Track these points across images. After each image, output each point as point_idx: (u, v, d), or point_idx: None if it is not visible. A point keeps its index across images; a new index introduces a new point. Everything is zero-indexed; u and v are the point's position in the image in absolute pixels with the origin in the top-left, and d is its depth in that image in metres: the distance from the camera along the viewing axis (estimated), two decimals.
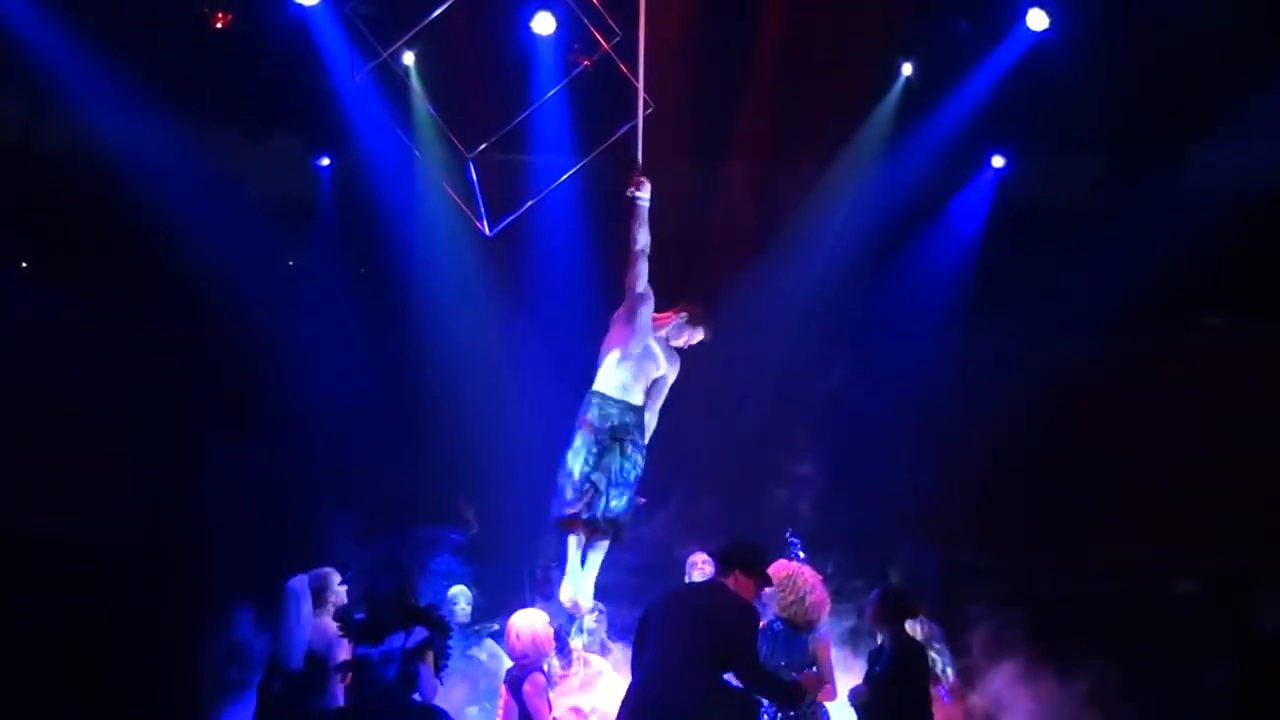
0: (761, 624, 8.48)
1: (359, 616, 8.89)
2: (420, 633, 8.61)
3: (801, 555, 9.58)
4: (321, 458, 12.07)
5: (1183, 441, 12.42)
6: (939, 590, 10.95)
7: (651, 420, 8.94)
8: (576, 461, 8.73)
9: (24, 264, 12.41)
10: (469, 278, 12.65)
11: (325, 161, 12.94)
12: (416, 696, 8.51)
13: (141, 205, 11.73)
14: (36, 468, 11.78)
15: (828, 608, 9.04)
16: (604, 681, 9.67)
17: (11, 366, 11.68)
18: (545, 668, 9.23)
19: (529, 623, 9.18)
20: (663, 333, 8.92)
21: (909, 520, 11.77)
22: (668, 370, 8.92)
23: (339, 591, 9.15)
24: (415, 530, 11.46)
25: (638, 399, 8.87)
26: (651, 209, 8.68)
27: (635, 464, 8.77)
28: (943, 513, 12.06)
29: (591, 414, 8.80)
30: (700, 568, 9.62)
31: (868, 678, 8.70)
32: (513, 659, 9.18)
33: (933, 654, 9.48)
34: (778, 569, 8.94)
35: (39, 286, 12.15)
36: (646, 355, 8.89)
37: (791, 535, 9.87)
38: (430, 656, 8.59)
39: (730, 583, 8.04)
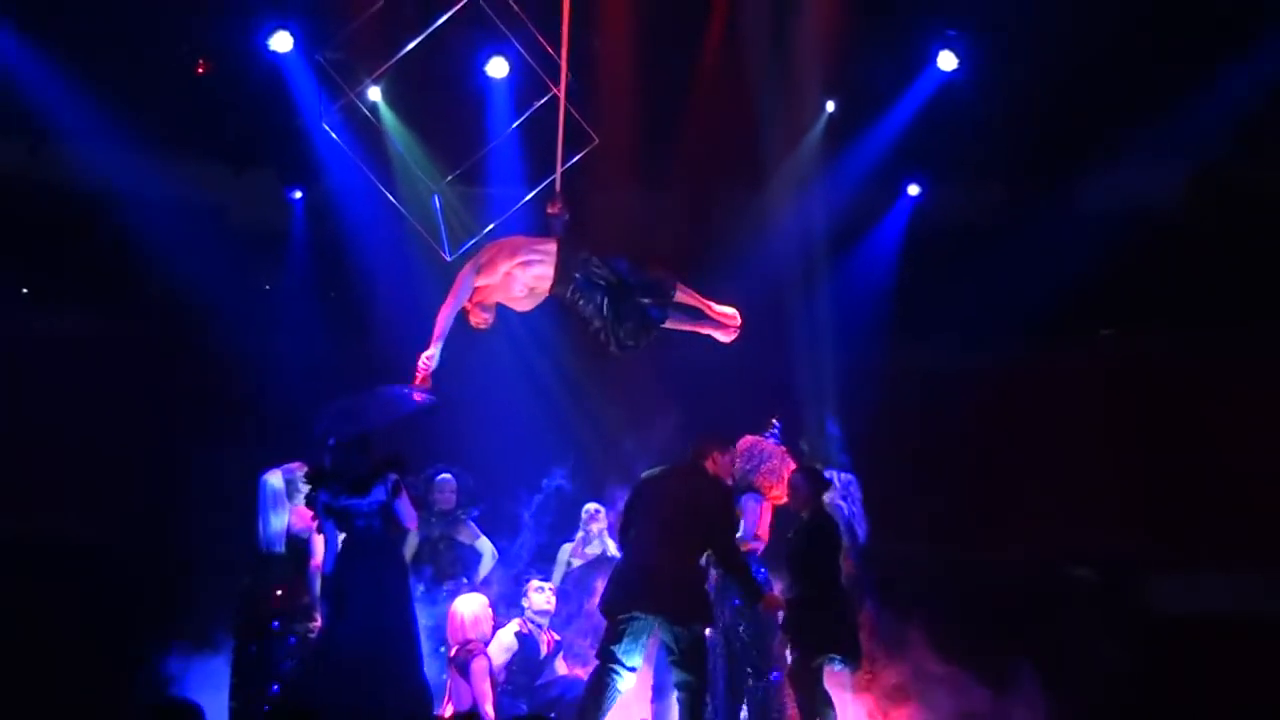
0: None
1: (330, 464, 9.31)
2: (392, 477, 9.28)
3: (776, 438, 10.14)
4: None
5: (1079, 439, 13.06)
6: None
7: None
8: None
9: (24, 290, 13.21)
10: (431, 299, 13.21)
11: (298, 194, 13.76)
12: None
13: (131, 234, 12.56)
14: (29, 475, 12.41)
15: (781, 486, 9.60)
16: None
17: (11, 382, 12.47)
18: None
19: (470, 608, 9.78)
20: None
21: None
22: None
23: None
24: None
25: None
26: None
27: None
28: None
29: None
30: (597, 519, 10.60)
31: (785, 544, 9.38)
32: (455, 643, 9.71)
33: (846, 506, 10.24)
34: (745, 441, 9.71)
35: (37, 309, 12.98)
36: None
37: (775, 420, 10.30)
38: (405, 493, 9.28)
39: (709, 465, 8.97)
